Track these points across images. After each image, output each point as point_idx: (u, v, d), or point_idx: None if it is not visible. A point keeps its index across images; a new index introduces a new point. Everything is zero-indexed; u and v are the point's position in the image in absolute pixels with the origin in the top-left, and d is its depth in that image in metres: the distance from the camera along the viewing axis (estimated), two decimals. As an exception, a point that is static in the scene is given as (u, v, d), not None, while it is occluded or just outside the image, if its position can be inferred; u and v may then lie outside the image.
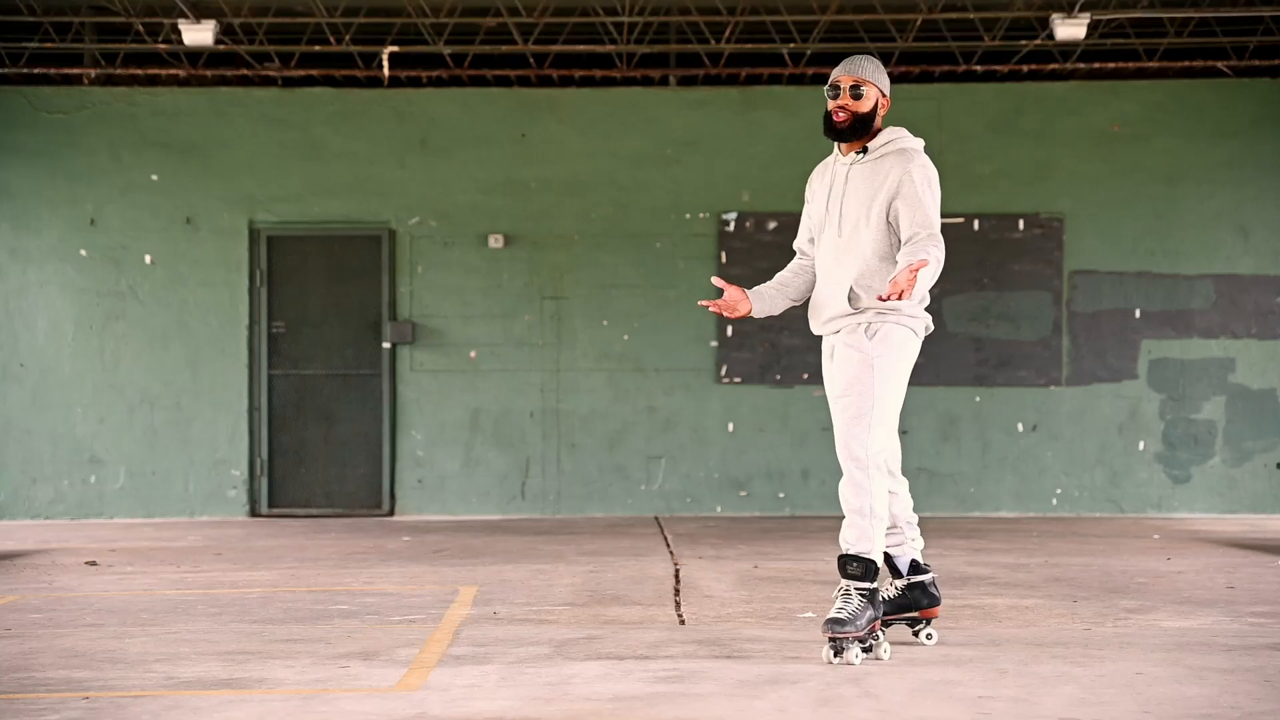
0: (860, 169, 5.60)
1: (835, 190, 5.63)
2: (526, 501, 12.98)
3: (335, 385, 13.00)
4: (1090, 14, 12.02)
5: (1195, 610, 6.69)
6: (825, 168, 5.76)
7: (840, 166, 5.66)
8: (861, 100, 5.56)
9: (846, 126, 5.57)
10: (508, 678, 5.10)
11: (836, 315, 5.56)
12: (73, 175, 12.93)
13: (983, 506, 12.94)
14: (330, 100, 13.14)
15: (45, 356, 12.91)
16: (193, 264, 12.96)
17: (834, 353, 5.59)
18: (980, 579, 8.00)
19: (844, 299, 5.52)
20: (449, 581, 8.05)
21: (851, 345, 5.52)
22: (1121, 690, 4.81)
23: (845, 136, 5.58)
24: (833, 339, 5.60)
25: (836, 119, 5.58)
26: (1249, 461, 12.94)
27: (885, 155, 5.58)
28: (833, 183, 5.65)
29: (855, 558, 5.44)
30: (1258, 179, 12.98)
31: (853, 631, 5.30)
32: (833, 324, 5.58)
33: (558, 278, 13.02)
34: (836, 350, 5.57)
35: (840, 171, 5.65)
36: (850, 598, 5.38)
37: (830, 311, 5.58)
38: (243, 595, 7.51)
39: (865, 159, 5.60)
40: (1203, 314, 12.97)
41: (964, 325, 12.99)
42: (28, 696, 4.88)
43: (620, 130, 13.08)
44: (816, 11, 12.25)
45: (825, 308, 5.61)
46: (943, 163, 13.00)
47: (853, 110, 5.56)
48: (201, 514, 12.87)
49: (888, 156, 5.57)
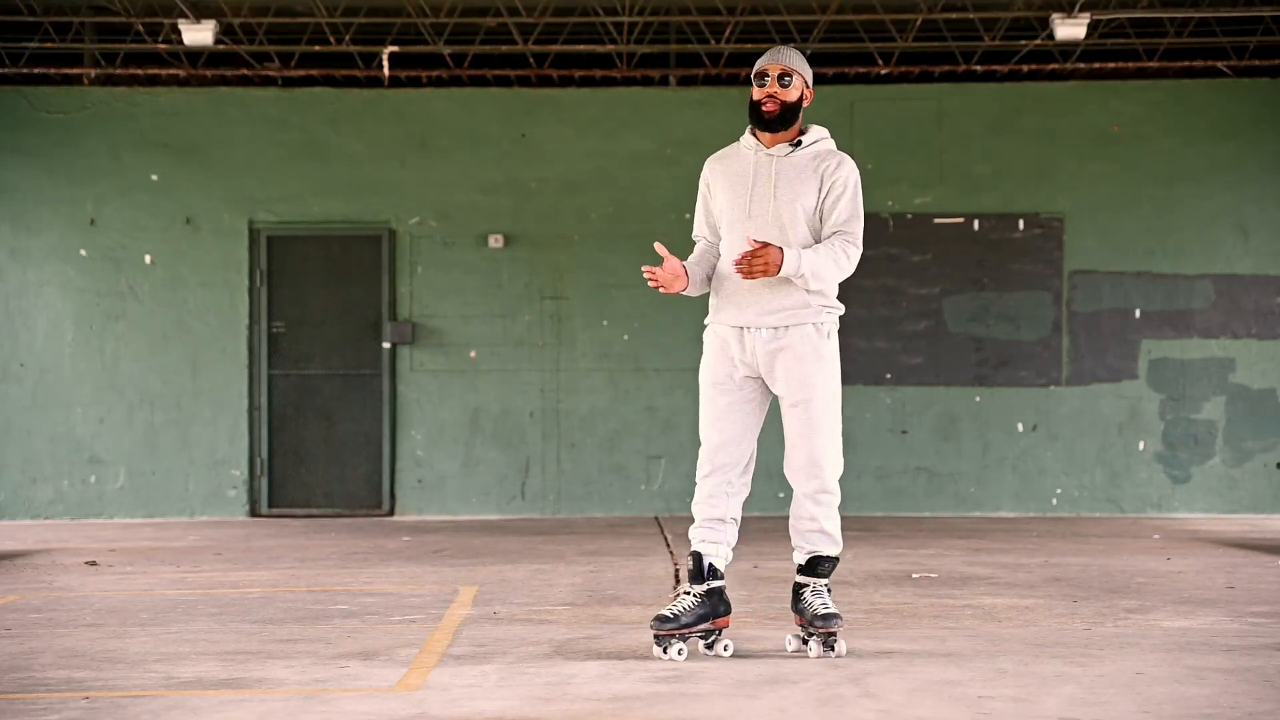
0: (789, 163, 5.55)
1: (762, 182, 5.54)
2: (526, 501, 12.98)
3: (335, 385, 13.00)
4: (1090, 14, 12.02)
5: (1195, 610, 6.69)
6: (734, 158, 5.64)
7: (763, 157, 5.57)
8: (789, 89, 5.53)
9: (775, 116, 5.52)
10: (508, 678, 5.10)
11: (785, 307, 5.48)
12: (73, 175, 12.93)
13: (983, 506, 12.94)
14: (330, 100, 13.14)
15: (45, 356, 12.91)
16: (193, 264, 12.96)
17: (783, 349, 5.50)
18: (980, 579, 8.00)
19: (791, 291, 5.46)
20: (449, 581, 8.05)
21: (810, 343, 5.51)
22: (1121, 690, 4.81)
23: (774, 126, 5.53)
24: (775, 333, 5.50)
25: (766, 108, 5.52)
26: (1249, 461, 12.94)
27: (817, 152, 5.57)
28: (755, 174, 5.56)
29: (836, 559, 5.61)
30: (1258, 179, 12.98)
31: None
32: (777, 316, 5.50)
33: (558, 278, 13.02)
34: (788, 345, 5.49)
35: (765, 163, 5.56)
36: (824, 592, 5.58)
37: (775, 304, 5.48)
38: (243, 595, 7.51)
39: (796, 153, 5.56)
40: (1203, 314, 12.97)
41: (964, 325, 12.99)
42: (28, 696, 4.88)
43: (620, 130, 13.08)
44: (816, 11, 12.25)
45: (761, 299, 5.50)
46: (943, 163, 13.10)
47: (781, 99, 5.52)
48: (201, 514, 12.87)
49: (819, 154, 5.57)
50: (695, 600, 5.51)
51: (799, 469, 5.55)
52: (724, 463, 5.57)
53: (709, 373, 5.62)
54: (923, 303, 12.96)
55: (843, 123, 13.06)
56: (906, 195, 12.98)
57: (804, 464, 5.54)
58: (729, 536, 5.59)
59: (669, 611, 5.49)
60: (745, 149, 5.64)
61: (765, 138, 5.58)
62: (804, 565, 5.57)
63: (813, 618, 5.48)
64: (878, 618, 6.52)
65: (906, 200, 12.98)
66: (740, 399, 5.58)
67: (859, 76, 13.19)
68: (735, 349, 5.56)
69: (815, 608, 5.49)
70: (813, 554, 5.56)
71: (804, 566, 5.57)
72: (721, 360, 5.59)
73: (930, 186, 13.01)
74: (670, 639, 5.47)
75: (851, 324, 12.83)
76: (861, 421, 12.85)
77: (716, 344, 5.60)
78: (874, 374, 12.91)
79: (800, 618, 5.55)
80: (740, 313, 5.54)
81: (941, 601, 7.05)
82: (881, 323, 12.91)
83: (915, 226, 12.98)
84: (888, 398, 12.94)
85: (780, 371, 5.52)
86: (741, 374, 5.57)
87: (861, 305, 12.79)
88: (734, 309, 5.55)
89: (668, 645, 5.47)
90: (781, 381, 5.53)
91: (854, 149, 13.02)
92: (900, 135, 13.06)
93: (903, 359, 12.96)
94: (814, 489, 5.53)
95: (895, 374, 12.94)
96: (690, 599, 5.51)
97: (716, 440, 5.58)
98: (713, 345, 5.62)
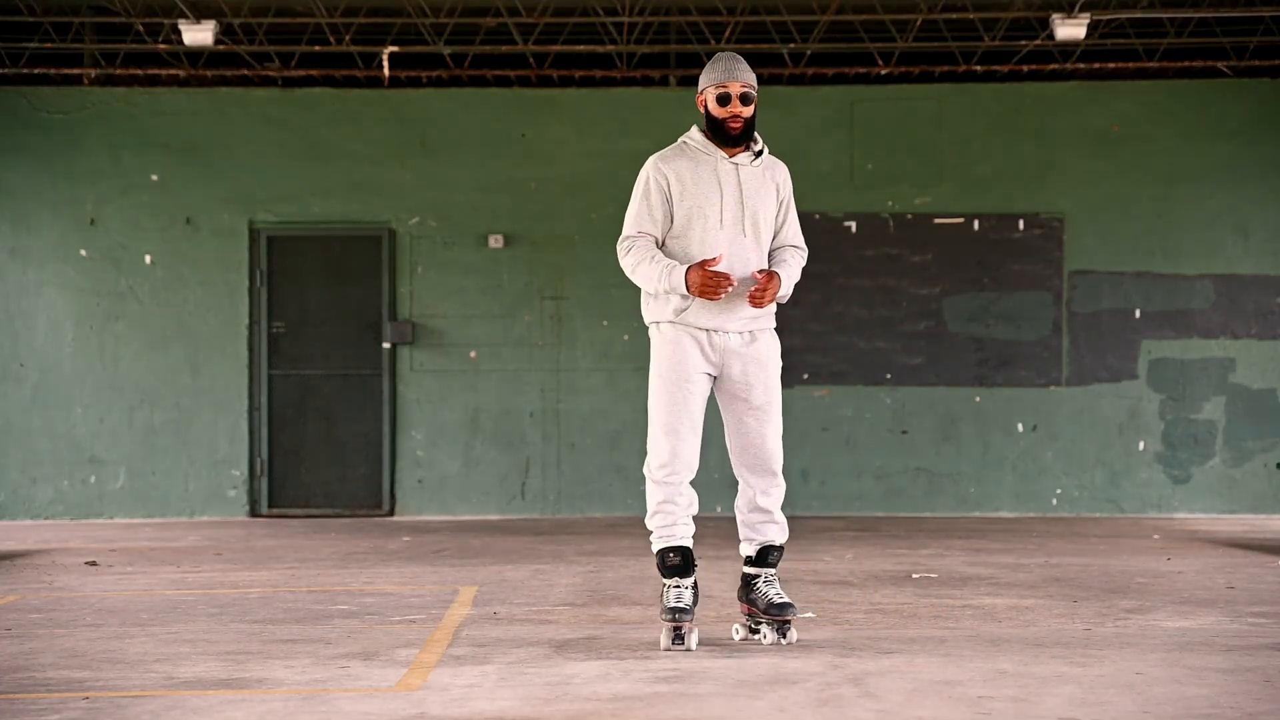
0: (752, 171, 5.71)
1: (729, 189, 5.66)
2: (526, 501, 12.98)
3: (335, 385, 13.00)
4: (1090, 14, 12.02)
5: (1195, 610, 6.70)
6: (693, 162, 5.71)
7: (727, 165, 5.68)
8: (750, 105, 5.69)
9: (740, 133, 5.68)
10: (507, 678, 5.10)
11: (754, 315, 5.68)
12: (73, 175, 12.93)
13: (983, 506, 12.94)
14: (330, 100, 13.14)
15: (45, 356, 12.91)
16: (193, 264, 12.96)
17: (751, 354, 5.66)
18: (980, 579, 8.00)
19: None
20: (449, 581, 8.05)
21: (773, 350, 5.75)
22: (1121, 690, 4.81)
23: (739, 142, 5.69)
24: (743, 338, 5.67)
25: (733, 126, 5.66)
26: (1249, 461, 12.94)
27: (767, 162, 5.78)
28: (721, 181, 5.67)
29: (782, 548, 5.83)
30: (1258, 179, 12.98)
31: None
32: (747, 322, 5.67)
33: (558, 278, 13.02)
34: (756, 353, 5.68)
35: (731, 171, 5.68)
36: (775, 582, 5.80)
37: (746, 310, 5.65)
38: (243, 595, 7.51)
39: (757, 163, 5.72)
40: (1203, 314, 12.97)
41: (964, 325, 12.99)
42: (28, 696, 4.88)
43: (620, 130, 13.08)
44: (816, 11, 12.25)
45: (732, 304, 5.63)
46: (943, 163, 13.10)
47: (744, 118, 5.68)
48: (201, 514, 12.87)
49: (769, 163, 5.78)
50: (691, 592, 5.71)
51: (757, 465, 5.75)
52: (690, 461, 5.74)
53: (677, 370, 5.70)
54: (923, 303, 12.96)
55: (843, 123, 13.07)
56: (906, 195, 12.99)
57: (764, 460, 5.75)
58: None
59: (681, 604, 5.64)
60: (703, 154, 5.74)
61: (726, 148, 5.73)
62: (754, 557, 5.78)
63: (768, 606, 5.69)
64: (878, 618, 6.52)
65: (906, 200, 12.98)
66: (702, 396, 5.74)
67: (859, 76, 13.19)
68: (704, 349, 5.68)
69: (770, 596, 5.71)
70: (763, 544, 5.76)
71: (754, 558, 5.78)
72: (691, 358, 5.69)
73: (930, 186, 13.01)
74: (690, 630, 5.64)
75: (851, 324, 12.86)
76: (861, 421, 12.85)
77: (684, 342, 5.69)
78: (874, 374, 12.90)
79: (751, 607, 5.77)
80: (711, 316, 5.66)
81: (941, 601, 7.05)
82: (881, 323, 12.91)
83: (915, 226, 12.98)
84: (888, 398, 12.94)
85: (748, 376, 5.70)
86: (705, 371, 5.72)
87: (861, 305, 12.79)
88: (704, 312, 5.66)
89: (687, 635, 5.63)
90: (745, 385, 5.70)
91: (854, 149, 13.09)
92: (900, 135, 13.07)
93: (903, 359, 12.96)
94: (768, 484, 5.76)
95: (895, 374, 12.94)
96: (688, 591, 5.70)
97: (690, 438, 5.71)
98: (680, 343, 5.70)
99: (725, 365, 5.68)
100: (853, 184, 13.02)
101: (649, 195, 5.76)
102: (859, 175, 13.04)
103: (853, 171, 13.05)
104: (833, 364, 12.81)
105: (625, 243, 5.81)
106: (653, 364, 5.77)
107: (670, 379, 5.69)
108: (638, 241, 5.77)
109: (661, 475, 5.71)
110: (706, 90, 5.71)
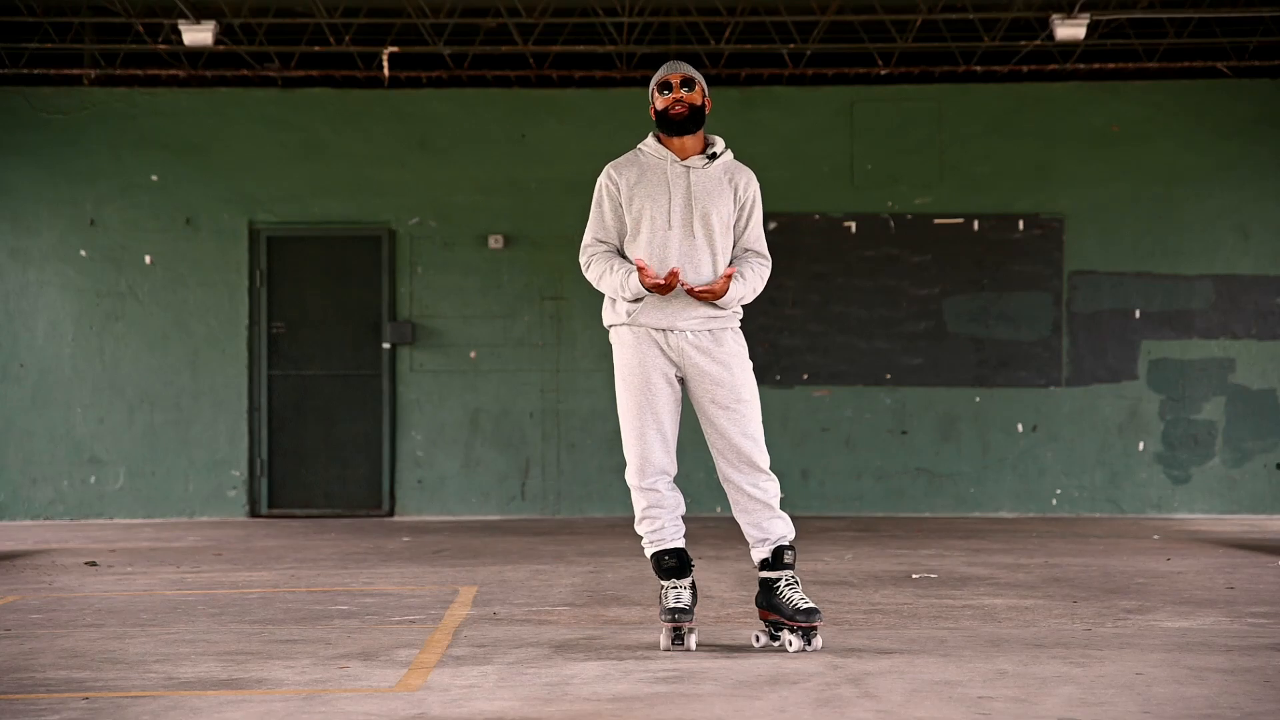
0: (704, 174, 5.68)
1: (678, 191, 5.65)
2: (526, 502, 12.98)
3: (335, 386, 13.00)
4: (1090, 14, 12.02)
5: (1195, 610, 6.70)
6: (646, 168, 5.70)
7: (679, 169, 5.67)
8: (694, 93, 5.65)
9: (686, 118, 5.64)
10: (507, 678, 5.11)
11: (711, 315, 5.64)
12: (73, 175, 12.93)
13: (983, 507, 12.94)
14: (330, 100, 13.14)
15: (45, 356, 12.91)
16: (193, 264, 12.96)
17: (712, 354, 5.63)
18: (980, 579, 8.01)
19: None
20: (449, 582, 8.05)
21: (736, 348, 5.69)
22: (1121, 690, 4.82)
23: (686, 129, 5.65)
24: (699, 337, 5.63)
25: (675, 112, 5.64)
26: (1249, 462, 12.94)
27: (726, 165, 5.72)
28: (670, 184, 5.65)
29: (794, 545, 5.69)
30: (1258, 179, 12.98)
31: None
32: (703, 321, 5.63)
33: (558, 278, 13.02)
34: (718, 353, 5.63)
35: (681, 174, 5.66)
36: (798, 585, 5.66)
37: (701, 310, 5.63)
38: (243, 595, 7.51)
39: (711, 165, 5.69)
40: (1203, 314, 12.97)
41: (964, 325, 12.99)
42: (28, 696, 4.88)
43: (620, 130, 13.03)
44: (816, 12, 12.25)
45: (687, 304, 5.62)
46: (943, 163, 13.10)
47: (689, 102, 5.64)
48: (201, 514, 12.87)
49: (728, 166, 5.72)
50: (690, 593, 5.67)
51: (739, 465, 5.65)
52: (661, 464, 5.68)
53: (637, 372, 5.67)
54: (923, 303, 12.96)
55: (843, 123, 13.07)
56: (906, 195, 12.99)
57: (745, 459, 5.65)
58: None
59: (680, 604, 5.62)
60: (655, 159, 5.72)
61: (676, 146, 5.69)
62: (770, 559, 5.64)
63: (794, 612, 5.56)
64: (878, 618, 6.52)
65: (906, 200, 12.98)
66: (670, 398, 5.68)
67: (859, 76, 13.19)
68: (662, 349, 5.66)
69: (795, 602, 5.58)
70: (776, 544, 5.64)
71: (770, 561, 5.64)
72: (650, 359, 5.66)
73: (930, 186, 13.01)
74: (690, 630, 5.62)
75: (851, 324, 12.86)
76: (861, 422, 12.85)
77: (642, 344, 5.67)
78: (874, 374, 12.90)
79: (772, 613, 5.63)
80: (663, 316, 5.64)
81: (941, 602, 7.05)
82: (881, 323, 12.91)
83: (915, 227, 12.98)
84: (888, 398, 12.94)
85: (712, 376, 5.64)
86: (666, 372, 5.67)
87: (861, 305, 12.79)
88: (657, 312, 5.64)
89: (687, 636, 5.61)
90: (710, 385, 5.65)
91: (854, 149, 13.10)
92: (900, 135, 13.07)
93: (903, 359, 12.96)
94: (755, 479, 5.64)
95: (895, 374, 12.94)
96: (686, 592, 5.67)
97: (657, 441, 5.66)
98: (637, 346, 5.68)
99: (687, 366, 5.64)
100: (852, 184, 13.03)
101: (601, 204, 5.80)
102: (859, 175, 13.04)
103: (852, 172, 13.05)
104: (833, 364, 12.81)
105: (585, 253, 5.85)
106: (615, 370, 5.75)
107: (632, 383, 5.67)
108: (596, 251, 5.82)
109: (637, 481, 5.68)
110: (651, 92, 5.73)
